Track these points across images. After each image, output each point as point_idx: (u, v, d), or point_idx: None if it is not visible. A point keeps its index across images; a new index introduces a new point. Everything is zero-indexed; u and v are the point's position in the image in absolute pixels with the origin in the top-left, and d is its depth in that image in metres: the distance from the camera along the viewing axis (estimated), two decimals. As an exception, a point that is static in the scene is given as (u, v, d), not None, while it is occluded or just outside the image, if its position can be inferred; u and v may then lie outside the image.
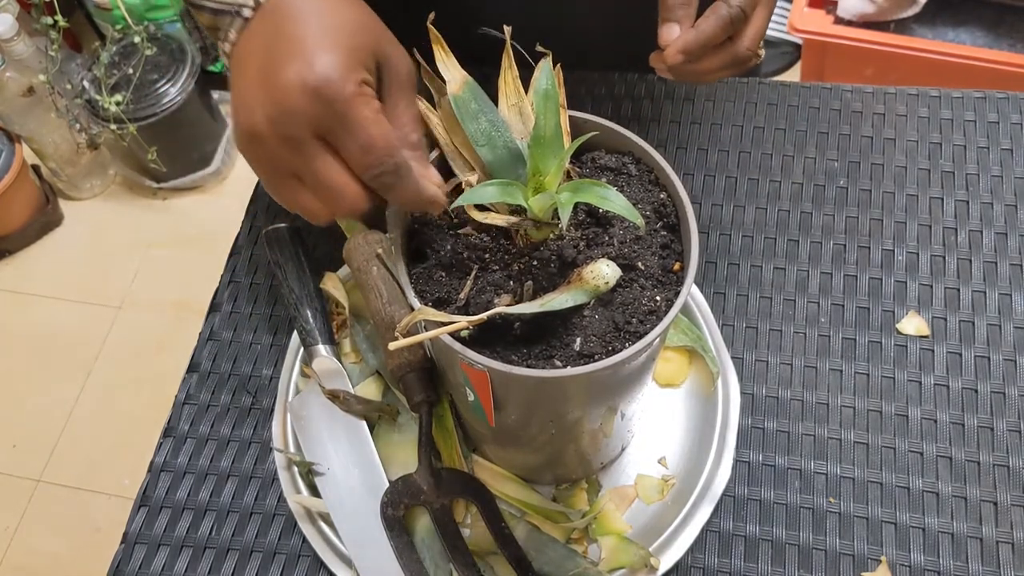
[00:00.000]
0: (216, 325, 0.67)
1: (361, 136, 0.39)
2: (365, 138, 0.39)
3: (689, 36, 0.46)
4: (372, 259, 0.61)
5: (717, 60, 0.48)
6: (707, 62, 0.48)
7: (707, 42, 0.46)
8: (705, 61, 0.47)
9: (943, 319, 0.62)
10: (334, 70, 0.38)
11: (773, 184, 0.69)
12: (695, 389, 0.61)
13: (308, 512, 0.58)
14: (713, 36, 0.46)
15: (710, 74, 0.49)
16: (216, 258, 0.74)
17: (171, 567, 0.58)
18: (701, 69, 0.48)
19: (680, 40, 0.46)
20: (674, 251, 0.45)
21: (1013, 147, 0.69)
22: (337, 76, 0.38)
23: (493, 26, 0.45)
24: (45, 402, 1.53)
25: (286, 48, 0.39)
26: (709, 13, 0.46)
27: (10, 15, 1.43)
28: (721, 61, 0.48)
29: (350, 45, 0.39)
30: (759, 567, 0.55)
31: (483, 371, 0.40)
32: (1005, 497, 0.56)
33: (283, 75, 0.38)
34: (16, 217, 1.65)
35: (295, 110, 0.39)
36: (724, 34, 0.46)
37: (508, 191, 0.41)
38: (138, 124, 1.50)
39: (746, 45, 0.47)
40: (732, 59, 0.48)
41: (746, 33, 0.48)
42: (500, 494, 0.57)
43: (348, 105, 0.39)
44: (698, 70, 0.48)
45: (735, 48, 0.48)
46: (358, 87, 0.39)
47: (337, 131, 0.39)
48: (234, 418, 0.63)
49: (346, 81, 0.38)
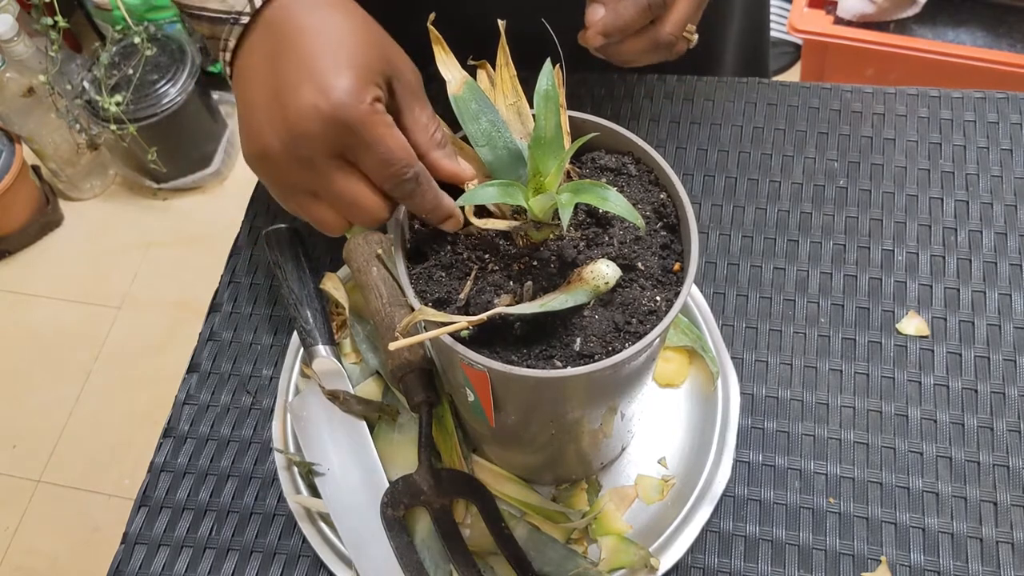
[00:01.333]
0: (216, 325, 0.67)
1: (380, 151, 0.39)
2: (384, 152, 0.40)
3: (608, 18, 0.47)
4: (372, 259, 0.61)
5: (639, 44, 0.48)
6: (629, 44, 0.48)
7: (625, 26, 0.47)
8: (627, 44, 0.48)
9: (943, 319, 0.62)
10: (347, 93, 0.38)
11: (773, 184, 0.69)
12: (695, 389, 0.61)
13: (308, 512, 0.58)
14: (631, 21, 0.47)
15: (636, 56, 0.49)
16: (216, 258, 0.74)
17: (171, 567, 0.58)
18: (624, 50, 0.49)
19: (600, 22, 0.47)
20: (674, 251, 0.45)
21: (1013, 147, 0.69)
22: (351, 99, 0.38)
23: (494, 26, 0.45)
24: (45, 402, 1.53)
25: (294, 69, 0.39)
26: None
27: (10, 15, 1.43)
28: (643, 45, 0.48)
29: (359, 63, 0.39)
30: (759, 567, 0.55)
31: (483, 371, 0.40)
32: (1005, 497, 0.56)
33: (295, 100, 0.38)
34: (16, 217, 1.65)
35: (310, 135, 0.39)
36: (643, 19, 0.47)
37: (508, 192, 0.41)
38: (138, 124, 1.50)
39: (667, 30, 0.48)
40: (653, 43, 0.48)
41: (668, 19, 0.48)
42: (500, 494, 0.57)
43: (364, 126, 0.39)
44: (622, 51, 0.49)
45: (656, 33, 0.48)
46: (371, 106, 0.39)
47: (355, 149, 0.40)
48: (234, 418, 0.63)
49: (360, 102, 0.39)
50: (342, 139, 0.39)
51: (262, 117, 0.40)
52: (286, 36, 0.40)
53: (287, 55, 0.40)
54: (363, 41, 0.40)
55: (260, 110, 0.40)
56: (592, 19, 0.47)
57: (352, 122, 0.39)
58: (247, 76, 0.42)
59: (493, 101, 0.45)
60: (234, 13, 0.41)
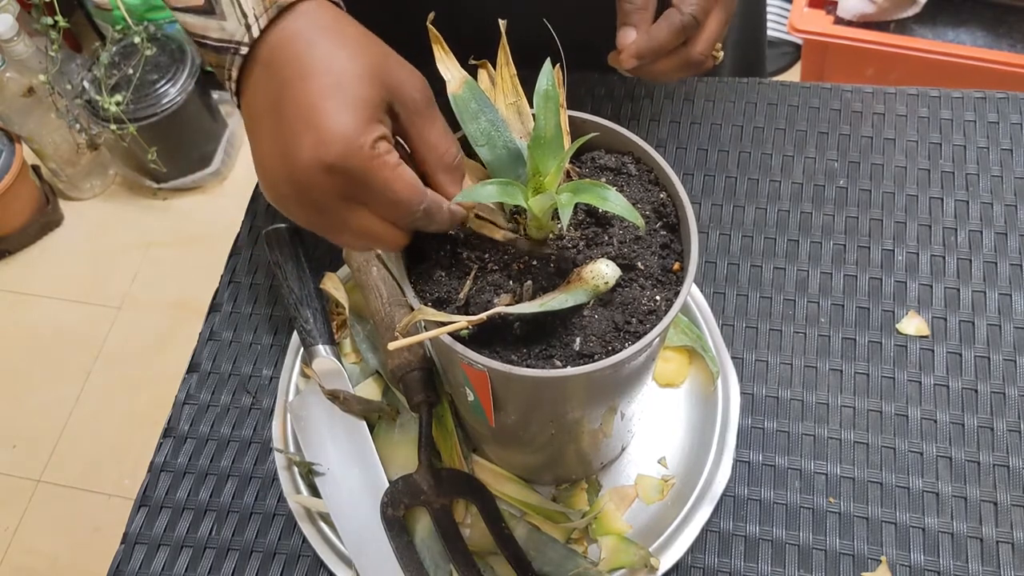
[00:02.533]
0: (216, 325, 0.67)
1: (387, 195, 0.40)
2: (391, 196, 0.40)
3: (642, 41, 0.47)
4: (372, 259, 0.61)
5: (671, 63, 0.49)
6: (661, 64, 0.49)
7: (659, 48, 0.48)
8: (660, 64, 0.49)
9: (943, 319, 0.62)
10: (347, 142, 0.38)
11: (773, 184, 0.69)
12: (695, 389, 0.61)
13: (308, 512, 0.58)
14: (665, 42, 0.48)
15: (667, 75, 0.50)
16: (216, 258, 0.74)
17: (171, 567, 0.58)
18: (656, 70, 0.50)
19: (634, 45, 0.48)
20: (674, 251, 0.45)
21: (1013, 147, 0.69)
22: (351, 147, 0.38)
23: (493, 26, 0.45)
24: (45, 402, 1.53)
25: (295, 114, 0.39)
26: (662, 20, 0.48)
27: (10, 15, 1.43)
28: (675, 64, 0.50)
29: (359, 101, 0.39)
30: (759, 567, 0.55)
31: (483, 371, 0.40)
32: (1005, 497, 0.56)
33: (298, 152, 0.38)
34: (16, 217, 1.65)
35: (317, 186, 0.39)
36: (677, 40, 0.48)
37: (508, 191, 0.41)
38: (138, 124, 1.50)
39: (699, 50, 0.49)
40: (685, 63, 0.49)
41: (699, 38, 0.49)
42: (500, 494, 0.57)
43: (367, 172, 0.39)
44: (654, 71, 0.50)
45: (688, 52, 0.49)
46: (373, 149, 0.39)
47: (362, 194, 0.40)
48: (234, 418, 0.63)
49: (361, 148, 0.38)
50: (348, 187, 0.39)
51: (270, 165, 0.41)
52: (288, 78, 0.40)
53: (287, 103, 0.39)
54: (360, 75, 0.40)
55: (268, 159, 0.41)
56: (624, 42, 0.48)
57: (355, 171, 0.39)
58: (253, 119, 0.42)
59: (493, 100, 0.45)
60: (234, 43, 0.41)
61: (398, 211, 0.40)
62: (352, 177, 0.39)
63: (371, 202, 0.40)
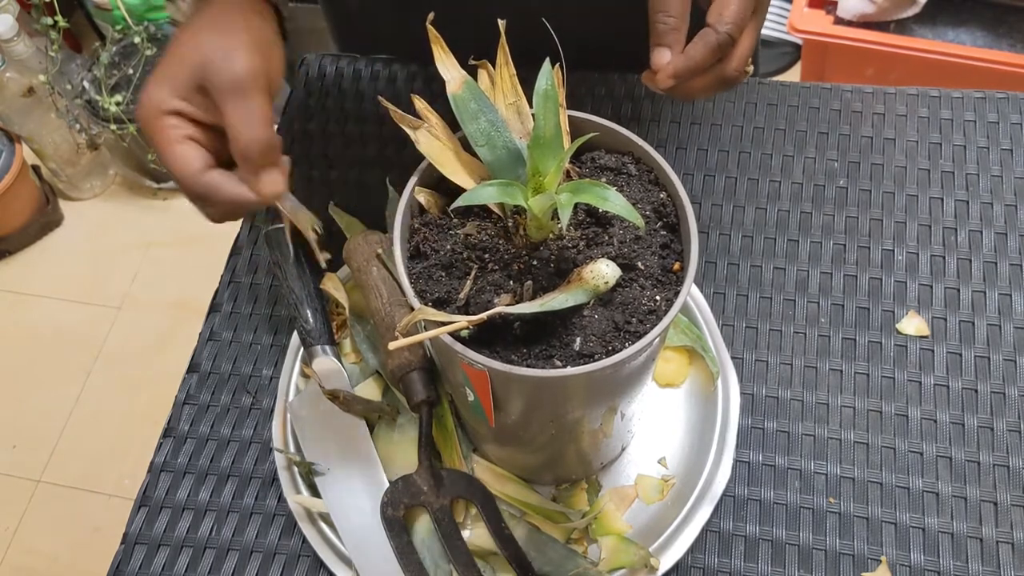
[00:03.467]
0: (216, 325, 0.67)
1: (167, 164, 0.46)
2: (168, 165, 0.46)
3: (679, 62, 0.48)
4: (372, 259, 0.61)
5: (706, 81, 0.50)
6: (696, 83, 0.49)
7: (696, 68, 0.48)
8: (694, 82, 0.49)
9: (943, 319, 0.62)
10: (142, 106, 0.46)
11: (773, 184, 0.69)
12: (695, 389, 0.61)
13: (308, 512, 0.58)
14: (702, 62, 0.48)
15: (700, 93, 0.51)
16: (216, 258, 0.74)
17: (171, 567, 0.58)
18: (691, 89, 0.50)
19: (671, 66, 0.48)
20: (674, 251, 0.45)
21: (1013, 147, 0.69)
22: (144, 111, 0.46)
23: (493, 26, 0.45)
24: (45, 402, 1.53)
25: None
26: (698, 39, 0.48)
27: (10, 15, 1.42)
28: (710, 82, 0.50)
29: (166, 77, 0.46)
30: (759, 567, 0.55)
31: (483, 371, 0.40)
32: (1005, 497, 0.56)
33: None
34: (16, 217, 1.65)
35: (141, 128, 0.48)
36: (712, 59, 0.48)
37: (508, 191, 0.41)
38: (138, 124, 1.50)
39: (733, 67, 0.49)
40: (720, 80, 0.50)
41: (734, 55, 0.49)
42: (500, 494, 0.57)
43: (150, 138, 0.46)
44: (688, 89, 0.50)
45: (723, 70, 0.49)
46: (158, 120, 0.46)
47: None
48: (234, 418, 0.63)
49: (149, 115, 0.46)
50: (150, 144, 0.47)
51: None
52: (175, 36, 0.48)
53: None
54: (183, 54, 0.46)
55: None
56: (660, 63, 0.48)
57: (145, 129, 0.47)
58: None
59: (493, 100, 0.45)
60: None
61: (179, 184, 0.46)
62: (147, 134, 0.47)
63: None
